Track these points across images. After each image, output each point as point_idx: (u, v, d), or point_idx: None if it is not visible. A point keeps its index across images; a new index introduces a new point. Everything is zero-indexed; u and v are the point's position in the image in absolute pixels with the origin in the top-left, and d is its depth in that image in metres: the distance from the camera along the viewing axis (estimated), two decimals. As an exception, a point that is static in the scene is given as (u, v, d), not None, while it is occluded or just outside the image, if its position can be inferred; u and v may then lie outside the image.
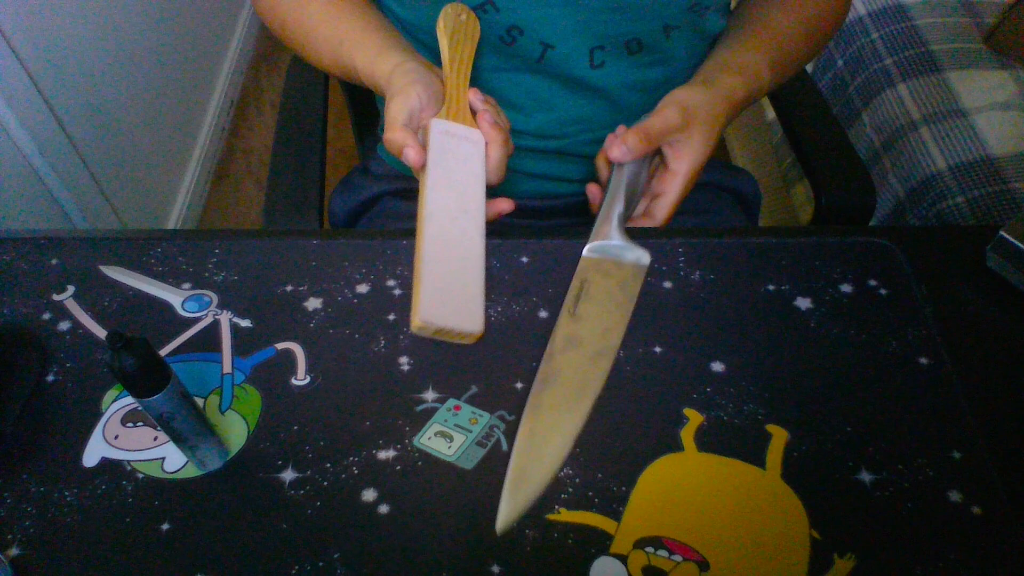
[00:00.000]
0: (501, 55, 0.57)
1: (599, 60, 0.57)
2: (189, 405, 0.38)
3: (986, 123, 0.92)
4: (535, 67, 0.58)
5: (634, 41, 0.57)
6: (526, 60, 0.57)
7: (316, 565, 0.38)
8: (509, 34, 0.55)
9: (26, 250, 0.52)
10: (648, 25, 0.56)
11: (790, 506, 0.40)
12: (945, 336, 0.47)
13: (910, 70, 1.01)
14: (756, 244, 0.53)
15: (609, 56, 0.57)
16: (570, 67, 0.57)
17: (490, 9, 0.53)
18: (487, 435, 0.43)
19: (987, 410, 0.44)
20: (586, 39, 0.56)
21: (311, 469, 0.41)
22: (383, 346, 0.47)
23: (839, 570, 0.37)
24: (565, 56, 0.56)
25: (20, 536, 0.39)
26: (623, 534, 0.39)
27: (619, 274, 0.49)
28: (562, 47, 0.56)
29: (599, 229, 0.51)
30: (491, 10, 0.53)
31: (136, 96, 1.30)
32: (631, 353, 0.46)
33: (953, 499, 0.40)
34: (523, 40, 0.55)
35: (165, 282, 0.50)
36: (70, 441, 0.43)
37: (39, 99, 1.04)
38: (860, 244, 0.53)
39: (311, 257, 0.52)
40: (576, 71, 0.58)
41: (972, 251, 0.52)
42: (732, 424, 0.43)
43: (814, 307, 0.49)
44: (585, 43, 0.56)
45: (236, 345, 0.47)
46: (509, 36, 0.55)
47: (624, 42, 0.57)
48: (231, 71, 1.72)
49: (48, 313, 0.49)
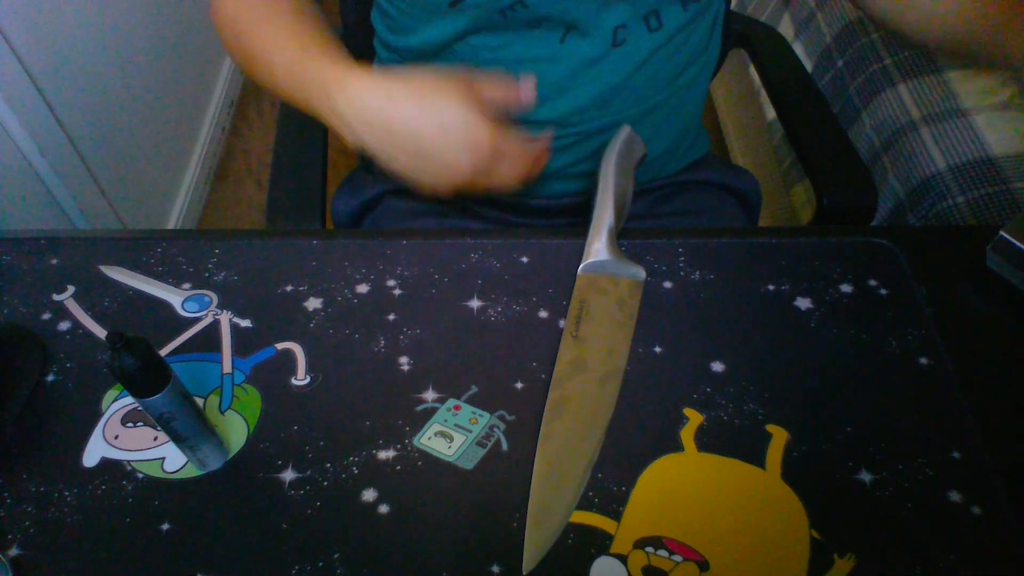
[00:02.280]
0: (521, 45, 0.57)
1: (621, 38, 0.57)
2: (189, 405, 0.38)
3: (986, 123, 0.92)
4: (555, 52, 0.58)
5: (652, 14, 0.57)
6: (547, 43, 0.57)
7: (316, 565, 0.38)
8: (536, 21, 0.55)
9: (26, 250, 0.52)
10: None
11: (790, 506, 0.40)
12: (945, 336, 0.47)
13: (910, 70, 1.01)
14: (756, 244, 0.53)
15: (630, 33, 0.57)
16: (592, 46, 0.57)
17: (519, 9, 0.54)
18: (487, 435, 0.43)
19: (987, 410, 0.44)
20: (608, 17, 0.56)
21: (311, 469, 0.41)
22: (383, 346, 0.47)
23: (839, 570, 0.37)
24: (588, 34, 0.56)
25: (20, 536, 0.39)
26: (623, 534, 0.39)
27: (616, 292, 0.49)
28: (585, 26, 0.56)
29: (591, 246, 0.51)
30: (520, 8, 0.54)
31: (136, 96, 1.30)
32: (631, 353, 0.46)
33: (953, 499, 0.40)
34: (547, 23, 0.56)
35: (165, 282, 0.50)
36: (70, 441, 0.43)
37: (39, 99, 1.04)
38: (860, 244, 0.52)
39: (311, 257, 0.52)
40: (597, 49, 0.58)
41: (972, 251, 0.52)
42: (732, 424, 0.43)
43: (814, 307, 0.49)
44: (608, 21, 0.56)
45: (236, 345, 0.47)
46: (536, 22, 0.55)
47: (643, 15, 0.57)
48: (231, 71, 1.72)
49: (48, 313, 0.49)
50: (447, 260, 0.51)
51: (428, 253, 0.52)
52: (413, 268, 0.51)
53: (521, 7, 0.53)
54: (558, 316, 0.48)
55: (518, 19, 0.55)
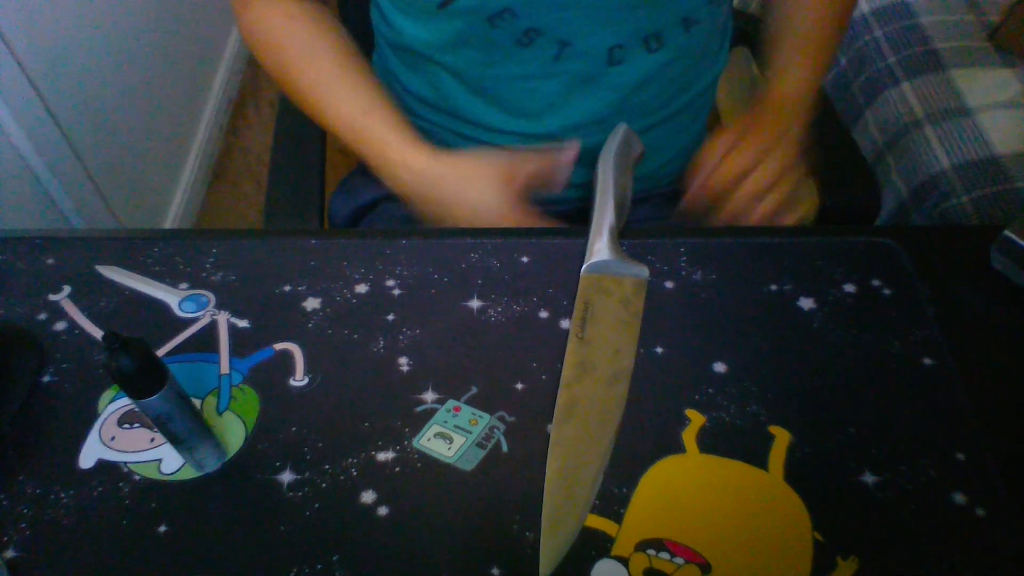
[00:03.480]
0: (515, 62, 0.57)
1: (618, 57, 0.57)
2: (186, 406, 0.38)
3: (990, 122, 0.91)
4: (550, 69, 0.57)
5: (653, 37, 0.56)
6: (542, 62, 0.57)
7: (315, 567, 0.37)
8: (527, 36, 0.54)
9: (22, 250, 0.52)
10: (668, 18, 0.55)
11: (792, 508, 0.39)
12: (949, 336, 0.47)
13: (914, 68, 1.01)
14: (758, 244, 0.52)
15: (627, 54, 0.57)
16: (587, 64, 0.57)
17: (508, 17, 0.53)
18: (487, 436, 0.42)
19: (991, 411, 0.43)
20: (604, 37, 0.55)
21: (310, 471, 0.41)
22: (382, 346, 0.46)
23: (842, 572, 0.37)
24: (583, 52, 0.56)
25: (16, 538, 0.38)
26: (624, 536, 0.38)
27: (620, 292, 0.49)
28: (580, 44, 0.55)
29: (592, 246, 0.50)
30: (509, 17, 0.53)
31: (133, 95, 1.30)
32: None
33: (957, 501, 0.39)
34: (540, 40, 0.55)
35: (162, 282, 0.50)
36: (66, 442, 0.42)
37: (36, 98, 1.03)
38: (863, 244, 0.52)
39: (309, 257, 0.51)
40: (593, 67, 0.57)
41: (976, 251, 0.51)
42: (734, 425, 0.43)
43: (817, 307, 0.48)
44: (604, 41, 0.55)
45: (234, 345, 0.46)
46: (527, 38, 0.55)
47: (643, 38, 0.56)
48: (229, 70, 1.71)
49: (44, 313, 0.48)
50: (447, 260, 0.51)
51: (428, 253, 0.52)
52: (413, 268, 0.51)
53: (510, 16, 0.53)
54: (559, 316, 0.48)
55: (509, 31, 0.54)
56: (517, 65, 0.57)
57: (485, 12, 0.53)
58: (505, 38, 0.55)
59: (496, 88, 0.59)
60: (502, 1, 0.51)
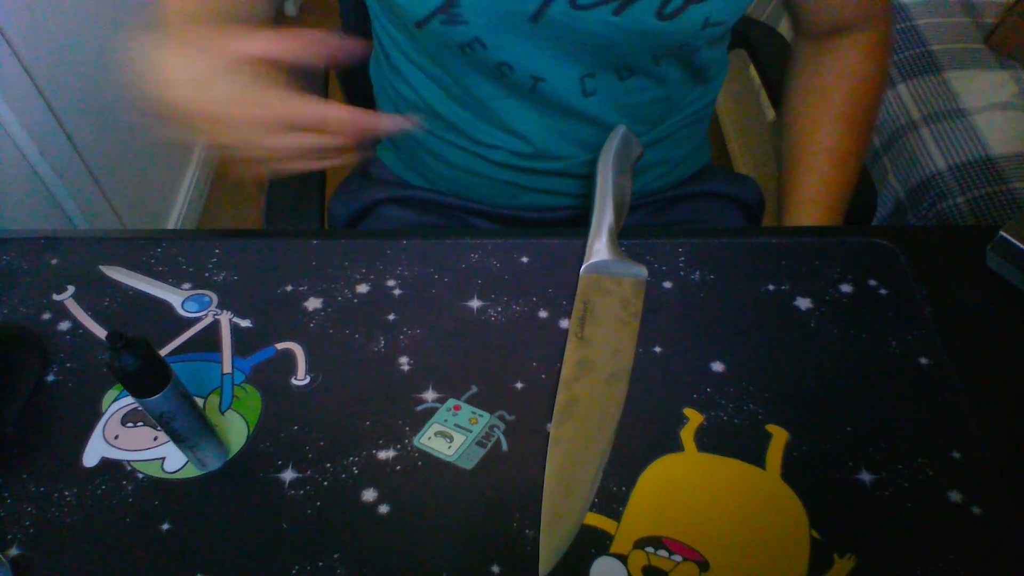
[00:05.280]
0: (497, 85, 0.57)
1: (591, 88, 0.57)
2: (189, 405, 0.38)
3: (986, 123, 0.92)
4: (529, 97, 0.58)
5: (624, 68, 0.56)
6: (520, 91, 0.57)
7: (316, 565, 0.38)
8: (499, 69, 0.55)
9: (26, 250, 0.52)
10: (636, 58, 0.55)
11: (790, 506, 0.40)
12: (945, 336, 0.47)
13: (910, 70, 1.01)
14: (756, 244, 0.53)
15: (600, 84, 0.57)
16: (563, 96, 0.57)
17: (477, 47, 0.53)
18: (487, 435, 0.43)
19: (987, 410, 0.44)
20: (575, 69, 0.55)
21: (311, 469, 0.41)
22: (383, 346, 0.47)
23: (839, 570, 0.37)
24: (556, 87, 0.56)
25: (20, 536, 0.39)
26: (623, 534, 0.39)
27: (619, 291, 0.49)
28: (552, 79, 0.56)
29: (592, 247, 0.51)
30: (479, 48, 0.53)
31: (136, 95, 1.30)
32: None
33: (953, 499, 0.40)
34: (514, 75, 0.55)
35: (165, 282, 0.50)
36: (70, 441, 0.43)
37: (39, 99, 1.04)
38: (860, 244, 0.53)
39: (311, 257, 0.52)
40: (569, 100, 0.57)
41: (972, 251, 0.52)
42: (732, 424, 0.43)
43: (814, 307, 0.49)
44: (575, 72, 0.56)
45: (236, 345, 0.47)
46: (499, 71, 0.55)
47: (614, 68, 0.56)
48: (231, 71, 1.71)
49: (48, 313, 0.49)
50: (447, 260, 0.51)
51: (428, 253, 0.52)
52: (413, 268, 0.51)
53: (480, 46, 0.53)
54: (558, 316, 0.48)
55: (482, 62, 0.54)
56: (496, 90, 0.58)
57: (456, 39, 0.53)
58: (482, 66, 0.55)
59: (480, 106, 0.59)
60: (471, 30, 0.52)
